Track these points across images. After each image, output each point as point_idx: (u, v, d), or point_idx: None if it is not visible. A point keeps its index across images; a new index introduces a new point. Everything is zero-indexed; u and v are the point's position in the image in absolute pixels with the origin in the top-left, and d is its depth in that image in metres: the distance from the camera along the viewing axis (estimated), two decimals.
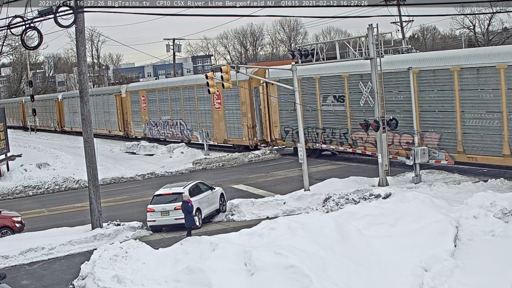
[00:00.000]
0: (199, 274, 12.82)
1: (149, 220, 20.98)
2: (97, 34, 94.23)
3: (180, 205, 19.36)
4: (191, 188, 21.16)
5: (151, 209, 20.82)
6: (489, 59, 23.07)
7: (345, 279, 12.53)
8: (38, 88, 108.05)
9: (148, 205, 21.20)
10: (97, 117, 57.57)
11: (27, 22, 16.20)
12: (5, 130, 37.60)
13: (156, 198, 21.13)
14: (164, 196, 21.05)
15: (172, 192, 21.05)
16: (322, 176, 27.56)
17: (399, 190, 20.73)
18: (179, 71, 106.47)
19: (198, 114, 43.23)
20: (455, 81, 24.28)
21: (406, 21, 48.91)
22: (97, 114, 58.07)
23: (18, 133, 74.79)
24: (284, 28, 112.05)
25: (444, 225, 15.06)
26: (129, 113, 53.85)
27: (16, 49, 46.37)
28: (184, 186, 21.32)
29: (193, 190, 21.00)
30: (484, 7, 56.81)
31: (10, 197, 31.46)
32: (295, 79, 23.97)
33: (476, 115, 23.72)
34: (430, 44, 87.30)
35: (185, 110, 44.74)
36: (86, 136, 20.57)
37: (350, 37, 26.68)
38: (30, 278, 16.47)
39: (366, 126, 24.52)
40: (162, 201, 20.82)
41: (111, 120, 57.39)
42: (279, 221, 15.65)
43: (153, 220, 20.85)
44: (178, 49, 66.50)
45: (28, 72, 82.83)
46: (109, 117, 57.69)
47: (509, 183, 22.24)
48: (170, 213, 20.49)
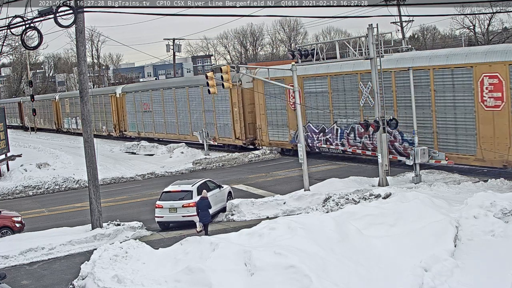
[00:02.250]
0: (199, 274, 12.82)
1: (156, 216, 21.31)
2: (97, 34, 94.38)
3: (193, 202, 20.12)
4: (199, 186, 21.43)
5: (159, 205, 21.18)
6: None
7: (345, 279, 12.53)
8: (38, 88, 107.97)
9: (157, 201, 21.53)
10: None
11: (27, 22, 16.19)
12: (5, 130, 37.59)
13: (165, 194, 21.46)
14: (173, 193, 21.35)
15: (181, 189, 21.36)
16: (322, 176, 27.57)
17: (399, 190, 20.73)
18: (179, 71, 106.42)
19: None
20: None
21: (406, 21, 48.92)
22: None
23: (18, 133, 74.78)
24: (284, 28, 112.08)
25: (444, 225, 15.06)
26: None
27: (16, 49, 46.39)
28: (192, 184, 21.66)
29: (201, 188, 21.20)
30: (484, 7, 56.82)
31: (10, 197, 31.45)
32: (295, 79, 23.97)
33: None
34: (430, 44, 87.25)
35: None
36: (86, 136, 20.56)
37: (350, 37, 26.63)
38: (30, 278, 16.46)
39: (366, 126, 24.52)
40: (171, 198, 21.15)
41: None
42: (279, 221, 15.64)
43: (161, 216, 21.18)
44: (178, 49, 66.52)
45: (28, 72, 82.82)
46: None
47: (509, 183, 22.24)
48: (178, 210, 20.84)
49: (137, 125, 53.27)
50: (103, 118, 59.55)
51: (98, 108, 59.00)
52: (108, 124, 58.63)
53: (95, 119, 58.56)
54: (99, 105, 59.09)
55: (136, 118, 53.42)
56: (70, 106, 66.93)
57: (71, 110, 66.87)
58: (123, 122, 56.05)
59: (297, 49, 26.45)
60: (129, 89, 56.23)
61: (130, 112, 54.54)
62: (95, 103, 57.91)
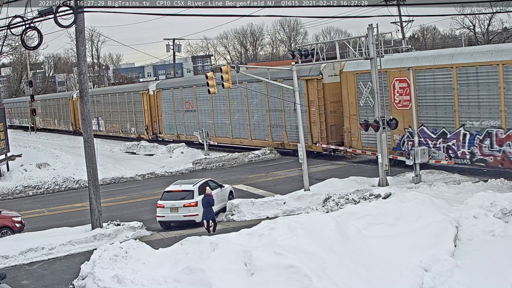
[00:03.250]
0: (199, 274, 12.81)
1: (158, 216, 21.43)
2: (97, 34, 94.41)
3: (194, 202, 20.44)
4: (200, 185, 21.56)
5: (161, 205, 21.28)
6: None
7: (345, 279, 12.52)
8: (38, 88, 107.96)
9: (158, 200, 21.64)
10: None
11: (27, 22, 16.19)
12: (5, 130, 37.60)
13: (166, 194, 21.57)
14: (174, 192, 21.46)
15: (182, 189, 21.49)
16: (322, 176, 27.57)
17: (399, 190, 20.73)
18: (179, 71, 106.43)
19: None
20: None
21: (406, 21, 48.92)
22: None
23: (18, 133, 74.76)
24: (284, 28, 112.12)
25: (444, 225, 15.06)
26: None
27: (16, 49, 46.44)
28: (194, 183, 21.78)
29: (203, 187, 21.32)
30: (484, 7, 56.83)
31: (10, 197, 31.46)
32: (295, 79, 23.96)
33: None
34: (430, 44, 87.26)
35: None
36: (86, 136, 20.56)
37: (350, 37, 26.62)
38: (30, 278, 16.46)
39: (366, 126, 24.51)
40: (172, 198, 21.27)
41: None
42: (279, 221, 15.64)
43: (162, 215, 21.29)
44: (178, 49, 66.53)
45: (28, 72, 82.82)
46: None
47: (509, 183, 22.24)
48: (179, 209, 20.97)
49: (176, 127, 47.02)
50: (131, 119, 53.65)
51: (126, 107, 53.85)
52: (138, 126, 52.76)
53: (121, 119, 54.88)
54: (127, 104, 53.66)
55: (175, 119, 46.86)
56: (91, 105, 62.76)
57: (92, 109, 62.06)
58: (158, 124, 49.80)
59: (297, 49, 26.46)
60: (166, 85, 49.14)
61: (167, 111, 48.02)
62: (121, 101, 53.96)
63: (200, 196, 20.52)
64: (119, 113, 56.15)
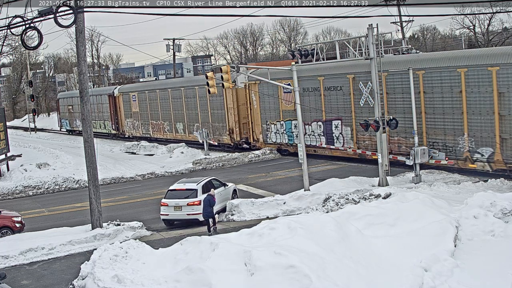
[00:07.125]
0: (199, 274, 12.81)
1: (162, 214, 21.63)
2: (97, 34, 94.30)
3: (197, 200, 20.71)
4: (204, 184, 21.77)
5: (165, 203, 21.47)
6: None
7: (345, 279, 12.52)
8: (38, 88, 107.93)
9: (162, 199, 21.83)
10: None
11: (27, 22, 16.17)
12: (5, 130, 37.59)
13: (170, 193, 21.76)
14: (178, 191, 21.65)
15: (186, 188, 21.70)
16: (322, 176, 27.57)
17: (399, 190, 20.74)
18: (179, 71, 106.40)
19: None
20: None
21: (406, 21, 48.88)
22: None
23: (18, 133, 74.74)
24: (284, 28, 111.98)
25: (444, 225, 15.07)
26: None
27: (16, 49, 46.42)
28: (198, 182, 21.96)
29: (206, 186, 21.53)
30: (484, 7, 56.76)
31: (10, 197, 31.46)
32: (295, 78, 23.96)
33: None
34: (430, 44, 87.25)
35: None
36: (86, 136, 20.57)
37: (350, 37, 26.64)
38: (30, 278, 16.45)
39: (366, 126, 24.52)
40: (176, 196, 21.46)
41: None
42: (279, 221, 15.64)
43: (166, 214, 21.50)
44: (178, 49, 66.46)
45: (28, 72, 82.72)
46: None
47: (509, 183, 22.24)
48: (183, 208, 21.15)
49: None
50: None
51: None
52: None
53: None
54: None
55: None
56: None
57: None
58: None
59: (297, 49, 26.48)
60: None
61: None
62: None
63: (203, 195, 20.65)
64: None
